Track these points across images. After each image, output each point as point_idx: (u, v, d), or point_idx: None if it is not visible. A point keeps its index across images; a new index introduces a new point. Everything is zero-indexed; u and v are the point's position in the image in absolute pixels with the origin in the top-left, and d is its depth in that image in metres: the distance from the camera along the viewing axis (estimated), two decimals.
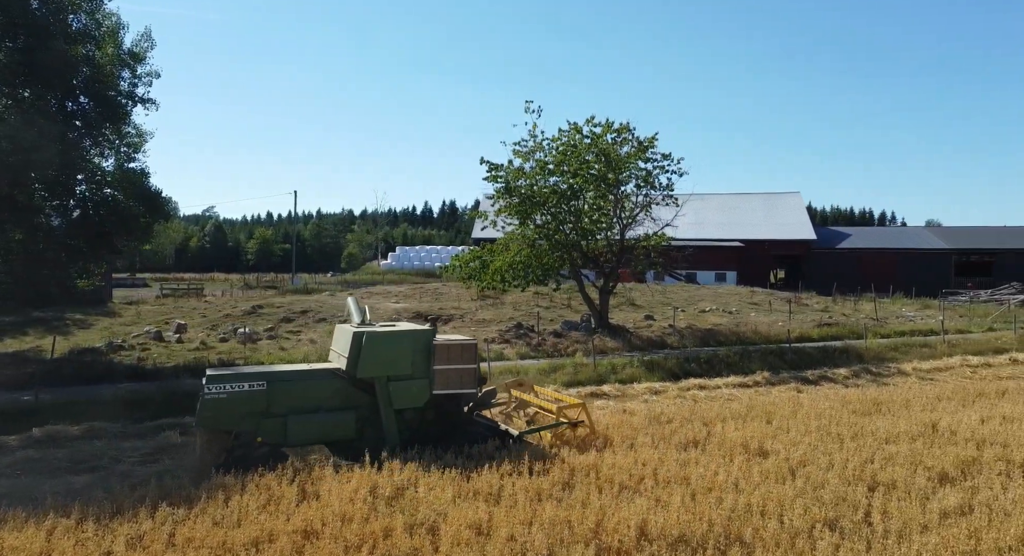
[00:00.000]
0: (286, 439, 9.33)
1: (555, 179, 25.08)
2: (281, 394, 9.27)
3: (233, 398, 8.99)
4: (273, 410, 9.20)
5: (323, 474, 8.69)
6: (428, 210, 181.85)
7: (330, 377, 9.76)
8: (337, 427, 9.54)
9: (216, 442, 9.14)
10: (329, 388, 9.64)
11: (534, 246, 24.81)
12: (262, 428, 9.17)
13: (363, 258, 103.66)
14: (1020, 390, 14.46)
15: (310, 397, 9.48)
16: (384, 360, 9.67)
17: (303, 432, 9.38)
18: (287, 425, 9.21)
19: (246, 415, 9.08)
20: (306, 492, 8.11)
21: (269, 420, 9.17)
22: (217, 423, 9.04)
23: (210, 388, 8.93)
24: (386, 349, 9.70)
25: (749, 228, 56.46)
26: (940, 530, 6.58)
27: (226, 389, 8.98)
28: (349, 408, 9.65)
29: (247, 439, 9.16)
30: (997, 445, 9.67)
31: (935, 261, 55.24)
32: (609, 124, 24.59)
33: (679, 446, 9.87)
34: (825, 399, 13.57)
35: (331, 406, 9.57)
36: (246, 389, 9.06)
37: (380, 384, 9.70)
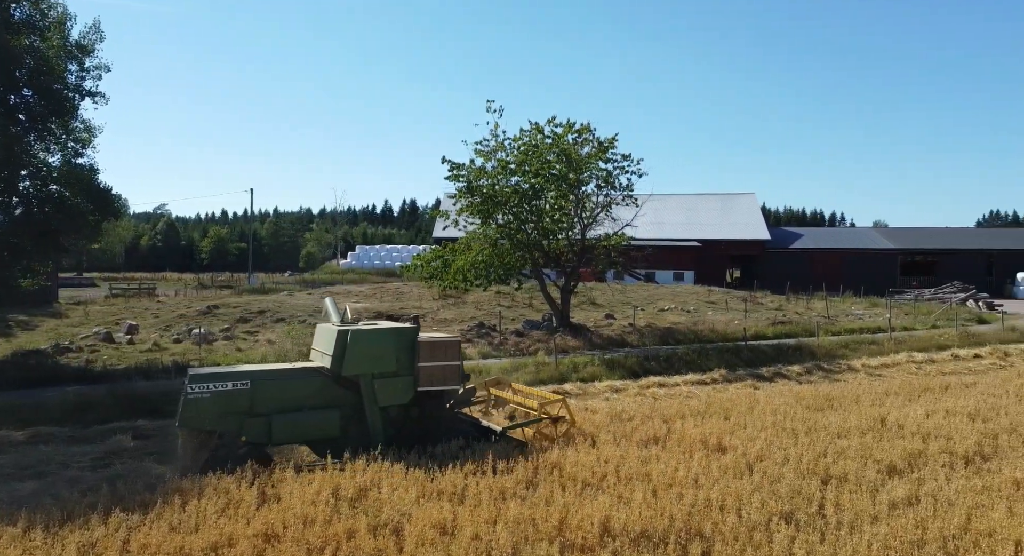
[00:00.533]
0: (271, 438, 9.28)
1: (516, 179, 25.15)
2: (265, 393, 9.21)
3: (216, 398, 8.91)
4: (256, 409, 9.14)
5: (284, 476, 8.56)
6: (388, 209, 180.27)
7: (314, 375, 9.72)
8: (322, 426, 9.52)
9: (199, 442, 9.05)
10: (313, 387, 9.61)
11: (496, 245, 24.84)
12: (246, 428, 9.09)
13: (322, 257, 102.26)
14: (962, 385, 15.07)
15: (294, 396, 9.45)
16: (369, 357, 9.69)
17: (287, 431, 9.35)
18: (271, 424, 9.15)
19: (229, 414, 9.00)
20: (266, 495, 7.98)
21: (253, 419, 9.10)
22: (200, 423, 8.95)
23: (193, 388, 8.83)
24: (371, 347, 9.73)
25: (706, 228, 57.52)
26: (889, 521, 6.82)
27: (209, 388, 8.90)
28: (333, 406, 9.64)
29: (231, 439, 9.08)
30: (941, 438, 10.06)
31: (882, 261, 57.16)
32: (570, 125, 24.78)
33: (640, 443, 10.01)
34: (780, 395, 13.92)
35: (315, 405, 9.54)
36: (229, 388, 8.98)
37: (365, 382, 9.72)
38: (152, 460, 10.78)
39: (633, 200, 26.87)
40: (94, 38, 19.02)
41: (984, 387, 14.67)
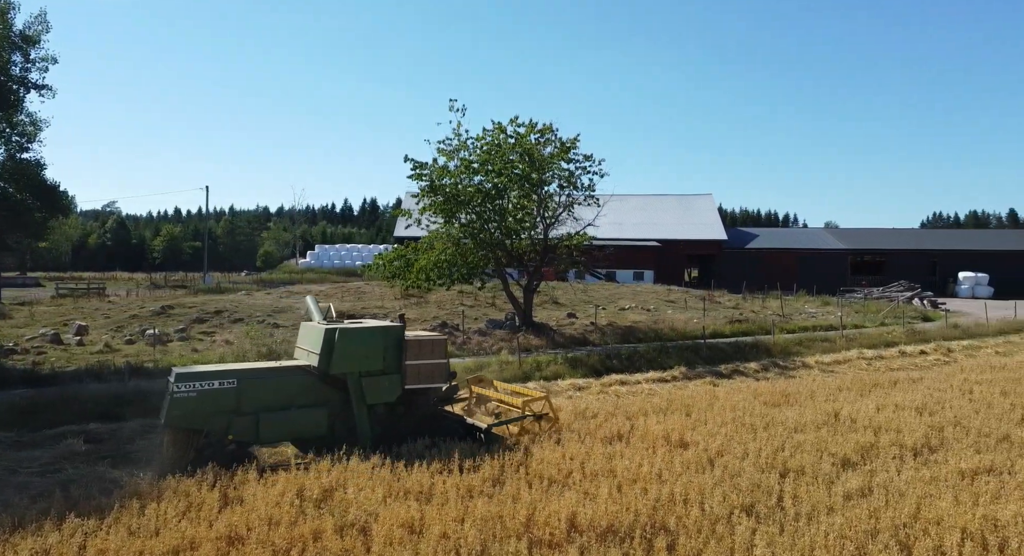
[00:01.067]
0: (258, 437, 9.28)
1: (479, 178, 25.17)
2: (251, 392, 9.19)
3: (203, 396, 8.88)
4: (243, 408, 9.11)
5: (247, 478, 8.43)
6: (348, 208, 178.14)
7: (301, 374, 9.71)
8: (309, 424, 9.54)
9: (185, 441, 8.99)
10: (300, 385, 9.61)
11: (459, 245, 24.80)
12: (233, 426, 9.07)
13: (280, 256, 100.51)
14: (909, 380, 15.63)
15: (281, 394, 9.44)
16: (356, 356, 9.73)
17: (275, 430, 9.36)
18: (259, 423, 9.13)
19: (216, 413, 8.97)
20: (229, 497, 7.85)
21: (240, 418, 9.07)
22: (187, 422, 8.90)
23: (179, 386, 8.78)
24: (358, 345, 9.75)
25: (665, 228, 58.35)
26: (844, 511, 7.05)
27: (195, 387, 8.86)
28: (320, 405, 9.66)
29: (217, 437, 9.06)
30: (891, 431, 10.43)
31: (833, 260, 58.82)
32: (533, 125, 24.90)
33: (604, 440, 10.14)
34: (738, 392, 14.24)
35: (302, 403, 9.54)
36: (216, 387, 8.96)
37: (352, 380, 9.76)
38: (106, 464, 10.47)
39: (595, 200, 27.13)
40: (39, 28, 18.39)
41: (930, 382, 15.24)
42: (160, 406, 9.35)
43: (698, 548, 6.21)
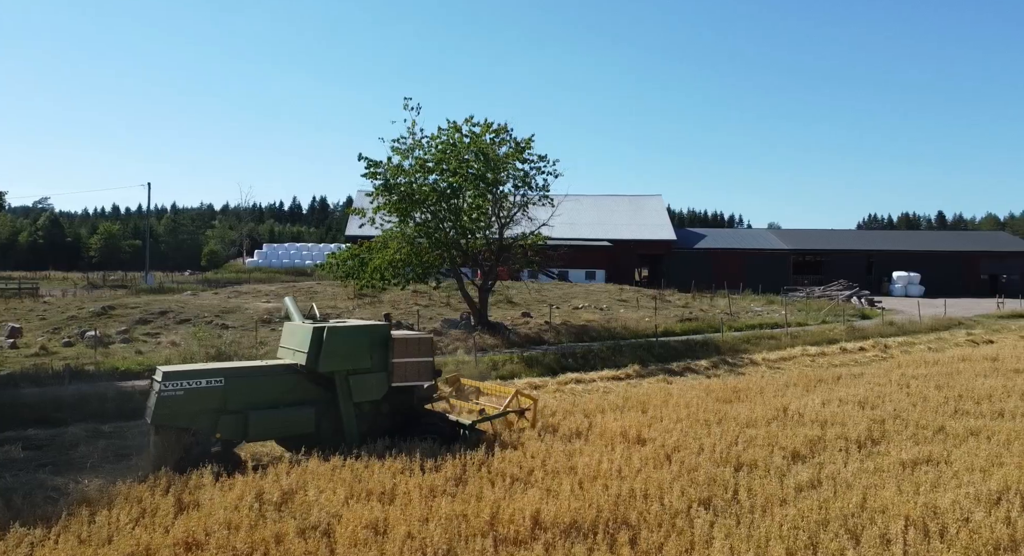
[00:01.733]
0: (246, 435, 9.35)
1: (434, 177, 25.09)
2: (238, 390, 9.23)
3: (190, 395, 8.90)
4: (230, 407, 9.16)
5: (202, 482, 8.24)
6: (297, 206, 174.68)
7: (288, 373, 9.80)
8: (296, 422, 9.63)
9: (172, 440, 8.99)
10: (286, 384, 9.69)
11: (414, 244, 24.66)
12: (221, 425, 9.12)
13: (226, 255, 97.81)
14: (851, 376, 16.28)
15: (268, 393, 9.50)
16: (344, 354, 9.85)
17: (263, 428, 9.45)
18: (248, 421, 9.20)
19: (203, 412, 9.00)
20: (184, 502, 7.66)
21: (228, 416, 9.12)
22: (174, 420, 8.91)
23: (167, 385, 8.81)
24: (346, 343, 9.89)
25: (617, 229, 59.16)
26: (796, 503, 7.33)
27: (183, 386, 8.89)
28: (308, 403, 9.74)
29: (205, 436, 9.09)
30: (837, 425, 10.86)
31: (776, 260, 60.65)
32: (488, 124, 24.93)
33: (564, 438, 10.27)
34: (692, 389, 14.59)
35: (289, 401, 9.62)
36: (203, 386, 8.99)
37: (340, 378, 9.88)
38: (48, 471, 10.09)
39: (549, 200, 27.36)
40: None
41: (870, 377, 15.91)
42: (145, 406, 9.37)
43: (659, 542, 6.36)
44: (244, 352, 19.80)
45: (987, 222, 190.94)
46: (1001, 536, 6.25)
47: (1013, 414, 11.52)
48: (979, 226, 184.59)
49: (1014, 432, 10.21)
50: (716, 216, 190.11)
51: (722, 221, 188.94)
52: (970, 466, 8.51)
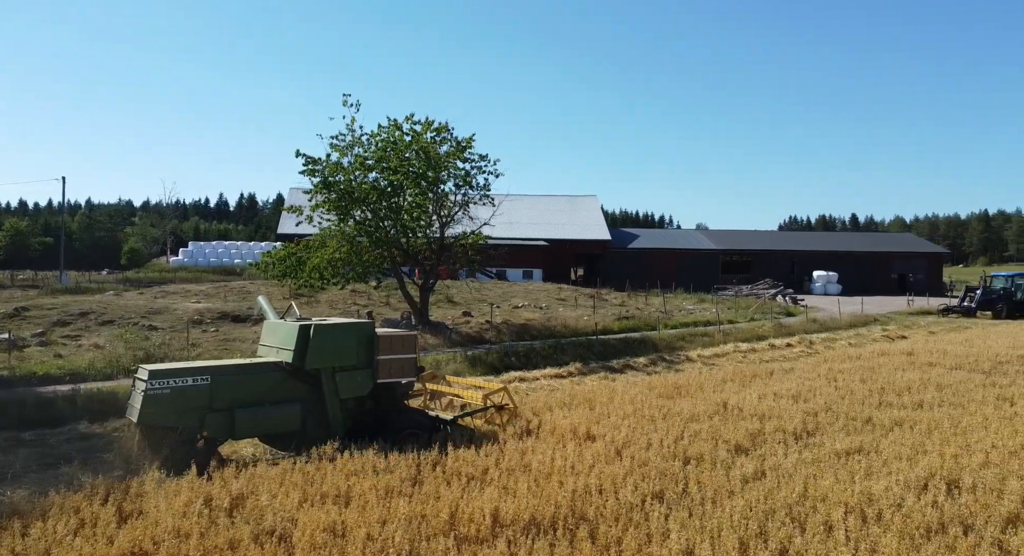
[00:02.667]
0: (233, 433, 9.41)
1: (374, 175, 24.78)
2: (224, 388, 9.26)
3: (176, 394, 8.91)
4: (216, 405, 9.18)
5: (143, 490, 7.92)
6: (224, 203, 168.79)
7: (273, 370, 9.86)
8: (283, 420, 9.69)
9: (156, 439, 8.95)
10: (271, 381, 9.74)
11: (354, 243, 24.28)
12: (208, 423, 9.15)
13: (148, 254, 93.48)
14: (783, 371, 17.01)
15: (253, 391, 9.54)
16: (331, 351, 9.96)
17: (250, 425, 9.49)
18: (235, 419, 9.23)
19: (189, 410, 9.00)
20: (125, 511, 7.35)
21: (214, 415, 9.15)
22: (160, 419, 8.90)
23: (153, 384, 8.77)
24: (333, 340, 10.00)
25: (553, 228, 59.79)
26: (743, 494, 7.63)
27: (169, 385, 8.88)
28: (293, 401, 9.80)
29: (190, 435, 9.11)
30: (774, 418, 11.34)
31: (706, 260, 62.67)
32: (430, 123, 24.79)
33: (515, 436, 10.35)
34: (635, 385, 14.93)
35: (274, 399, 9.68)
36: (190, 384, 9.01)
37: (326, 375, 10.00)
38: None
39: (490, 200, 27.45)
40: None
41: (800, 372, 16.66)
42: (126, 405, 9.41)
43: (618, 535, 6.52)
44: (175, 354, 19.09)
45: (895, 224, 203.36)
46: (931, 519, 6.70)
47: (931, 405, 12.30)
48: (888, 228, 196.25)
49: (933, 421, 10.92)
50: (647, 216, 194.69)
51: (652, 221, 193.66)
52: (898, 454, 9.06)
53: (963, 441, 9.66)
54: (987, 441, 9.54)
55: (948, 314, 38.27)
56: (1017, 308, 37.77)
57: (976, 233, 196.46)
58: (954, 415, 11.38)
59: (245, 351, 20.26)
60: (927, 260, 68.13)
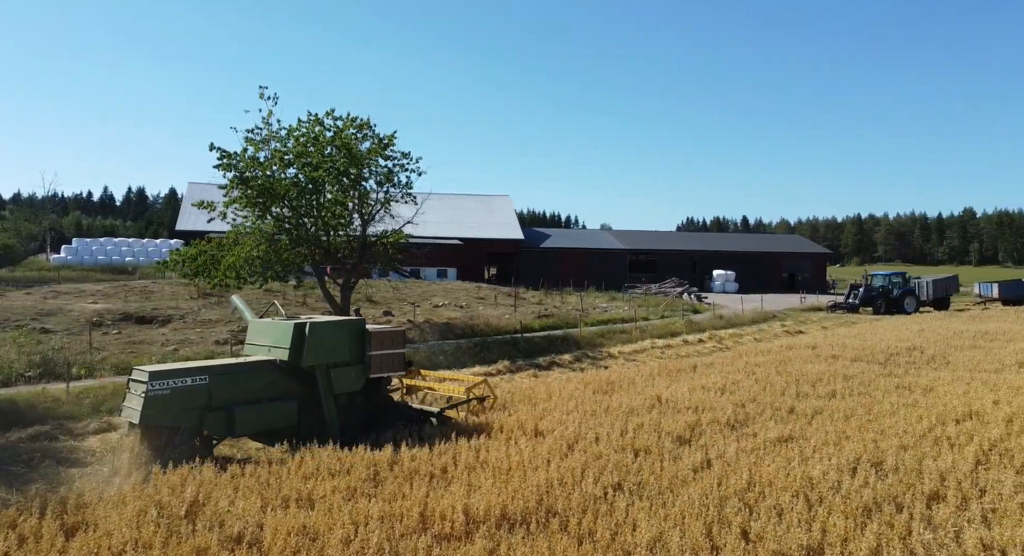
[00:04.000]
0: (233, 430, 9.59)
1: (293, 171, 24.04)
2: (222, 387, 9.43)
3: (176, 394, 9.03)
4: (215, 403, 9.34)
5: (83, 501, 7.46)
6: (109, 197, 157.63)
7: (269, 368, 10.07)
8: (280, 416, 9.94)
9: (157, 439, 9.04)
10: (267, 379, 9.96)
11: (273, 241, 23.44)
12: (207, 422, 9.32)
13: (25, 251, 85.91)
14: (704, 365, 17.89)
15: (250, 389, 9.73)
16: (326, 348, 10.26)
17: (249, 423, 9.65)
18: (235, 417, 9.39)
19: (189, 409, 9.15)
20: (68, 524, 6.89)
21: (213, 413, 9.32)
22: (161, 419, 8.99)
23: (153, 385, 8.86)
24: (327, 338, 10.29)
25: (467, 227, 59.80)
26: (696, 482, 8.05)
27: (169, 385, 8.99)
28: (289, 397, 10.08)
29: (191, 434, 9.24)
30: (707, 410, 11.97)
31: (615, 259, 64.58)
32: (353, 119, 24.31)
33: (465, 433, 10.41)
34: (569, 382, 15.29)
35: (270, 396, 9.90)
36: (188, 384, 9.13)
37: (321, 371, 10.28)
38: None
39: (412, 198, 27.27)
40: None
41: (720, 367, 17.59)
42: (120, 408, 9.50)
43: (589, 525, 6.74)
44: (77, 358, 17.84)
45: (780, 226, 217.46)
46: (867, 499, 7.34)
47: (843, 394, 13.36)
48: (774, 229, 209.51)
49: (848, 410, 11.88)
50: (553, 216, 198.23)
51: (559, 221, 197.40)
52: (824, 441, 9.81)
53: (878, 427, 10.58)
54: (898, 426, 10.50)
55: (835, 310, 41.31)
56: (894, 304, 41.31)
57: (851, 235, 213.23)
58: (865, 403, 12.42)
59: (155, 354, 19.21)
60: (813, 260, 73.18)
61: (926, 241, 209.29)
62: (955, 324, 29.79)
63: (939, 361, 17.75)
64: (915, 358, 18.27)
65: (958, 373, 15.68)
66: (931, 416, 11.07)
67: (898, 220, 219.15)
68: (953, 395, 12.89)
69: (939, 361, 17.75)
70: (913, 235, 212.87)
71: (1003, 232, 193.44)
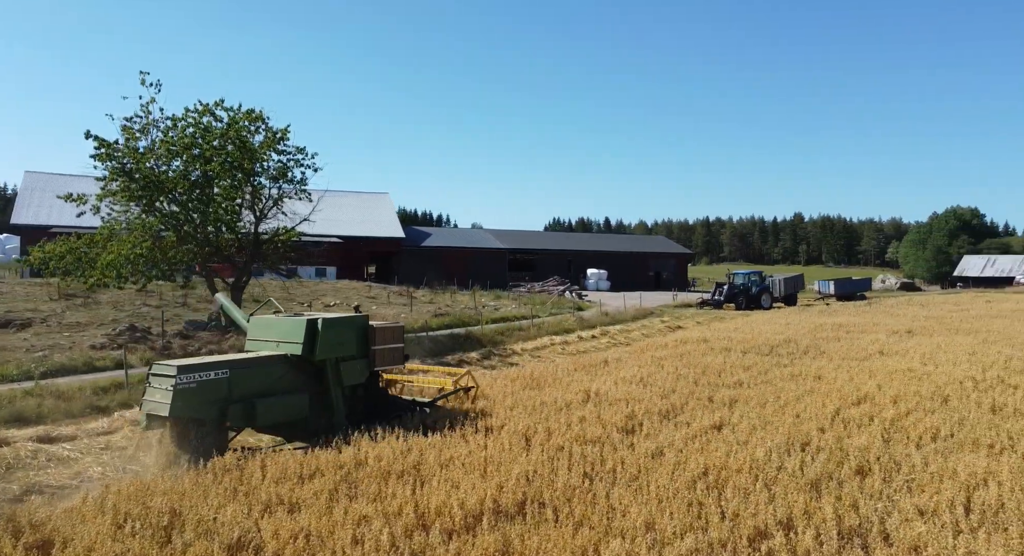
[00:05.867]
0: (254, 421, 10.03)
1: (177, 163, 22.51)
2: (241, 380, 9.82)
3: (202, 387, 9.35)
4: (234, 396, 9.69)
5: (37, 518, 6.83)
6: None
7: (283, 362, 10.50)
8: (294, 408, 10.38)
9: (185, 432, 9.33)
10: (279, 372, 10.38)
11: (158, 238, 21.80)
12: (230, 414, 9.67)
13: None
14: (614, 360, 18.81)
15: (265, 382, 10.13)
16: (336, 343, 10.83)
17: (269, 414, 10.07)
18: (256, 408, 9.79)
19: (213, 402, 9.47)
20: (31, 543, 6.27)
21: (236, 405, 9.68)
22: (189, 412, 9.27)
23: (182, 378, 9.16)
24: (337, 333, 10.85)
25: (346, 225, 58.31)
26: (658, 469, 8.57)
27: (196, 378, 9.30)
28: (301, 390, 10.52)
29: (215, 426, 9.60)
30: (636, 401, 12.68)
31: (495, 259, 65.63)
32: (249, 111, 23.13)
33: (413, 432, 10.44)
34: (496, 379, 15.50)
35: (283, 389, 10.31)
36: (212, 377, 9.48)
37: (331, 365, 10.83)
38: None
39: (307, 195, 26.43)
40: None
41: (629, 362, 18.47)
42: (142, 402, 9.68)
43: (582, 513, 7.09)
44: None
45: (639, 227, 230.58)
46: (811, 475, 8.22)
47: (748, 384, 14.65)
48: (634, 230, 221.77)
49: (761, 397, 13.08)
50: (426, 215, 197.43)
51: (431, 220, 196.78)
52: (752, 426, 10.80)
53: (792, 411, 11.78)
54: (809, 411, 11.75)
55: (704, 307, 44.63)
56: (752, 301, 45.31)
57: (700, 236, 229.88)
58: (770, 391, 13.73)
59: (22, 362, 17.27)
60: (676, 260, 78.42)
61: (764, 242, 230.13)
62: (812, 318, 33.22)
63: (814, 351, 19.88)
64: (793, 349, 20.33)
65: (835, 362, 17.67)
66: (832, 401, 12.48)
67: (741, 223, 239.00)
68: (841, 381, 14.58)
69: (814, 351, 19.88)
70: (753, 237, 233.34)
71: (826, 235, 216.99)
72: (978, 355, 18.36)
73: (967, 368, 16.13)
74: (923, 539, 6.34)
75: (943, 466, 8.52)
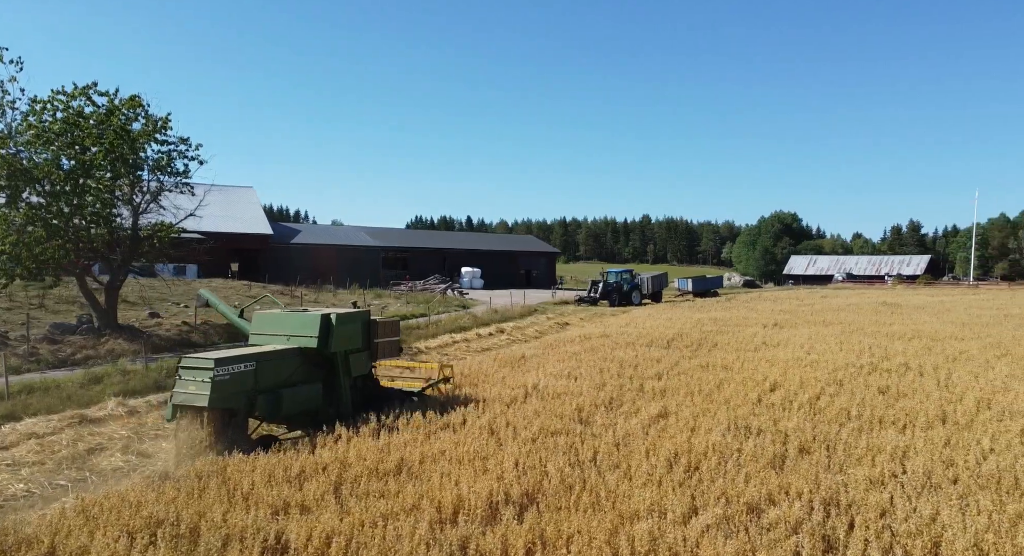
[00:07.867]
0: (280, 411, 10.34)
1: (42, 151, 20.26)
2: (266, 372, 10.25)
3: (234, 378, 9.72)
4: (260, 387, 10.08)
5: (8, 540, 6.11)
6: None
7: (299, 355, 10.96)
8: (313, 398, 10.96)
9: (221, 422, 9.65)
10: (296, 365, 10.83)
11: (23, 232, 19.43)
12: (258, 404, 10.06)
13: None
14: (534, 357, 19.15)
15: (285, 373, 10.60)
16: (347, 337, 11.49)
17: (294, 404, 10.49)
18: (282, 399, 10.24)
19: (243, 393, 9.87)
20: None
21: (263, 396, 10.07)
22: (224, 402, 9.62)
23: (219, 371, 9.51)
24: (347, 327, 11.49)
25: (207, 220, 54.33)
26: (632, 456, 9.18)
27: (230, 370, 9.65)
28: (315, 381, 11.09)
29: (243, 416, 10.05)
30: (575, 395, 13.21)
31: (368, 256, 64.27)
32: (132, 98, 21.24)
33: (386, 430, 10.34)
34: None
35: (299, 380, 10.79)
36: (242, 369, 9.84)
37: (340, 357, 11.46)
38: None
39: (190, 188, 24.82)
40: None
41: (551, 357, 18.86)
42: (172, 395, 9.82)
43: (589, 499, 7.48)
44: None
45: (501, 226, 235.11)
46: (768, 454, 9.13)
47: (668, 375, 15.67)
48: (496, 230, 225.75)
49: (687, 387, 14.05)
50: (282, 211, 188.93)
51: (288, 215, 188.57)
52: (694, 413, 11.68)
53: (719, 399, 12.87)
54: (735, 399, 12.88)
55: (581, 303, 46.60)
56: (624, 298, 47.94)
57: (558, 236, 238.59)
58: (692, 381, 14.81)
59: None
60: (545, 258, 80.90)
61: (616, 242, 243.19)
62: (688, 314, 35.75)
63: (708, 344, 21.59)
64: (688, 342, 21.94)
65: (732, 353, 19.31)
66: (750, 389, 13.76)
67: (595, 223, 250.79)
68: (748, 370, 16.03)
69: (708, 344, 21.59)
70: (607, 237, 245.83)
71: (671, 235, 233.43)
72: (845, 344, 20.89)
73: (844, 355, 18.35)
74: (883, 505, 7.36)
75: (869, 442, 9.81)
